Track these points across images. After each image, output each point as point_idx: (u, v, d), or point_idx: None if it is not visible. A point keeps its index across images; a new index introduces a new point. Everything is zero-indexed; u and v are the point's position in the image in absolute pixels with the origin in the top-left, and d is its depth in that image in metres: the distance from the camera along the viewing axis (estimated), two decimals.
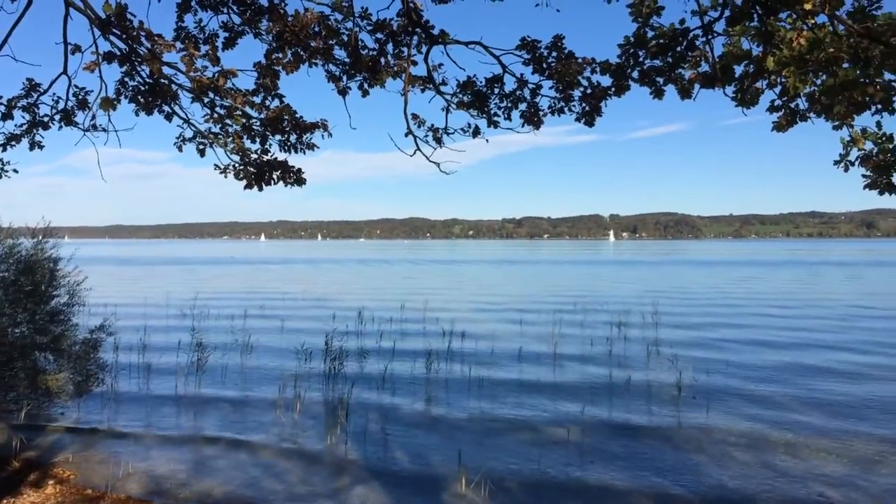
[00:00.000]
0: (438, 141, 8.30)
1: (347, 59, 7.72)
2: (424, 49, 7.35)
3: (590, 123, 8.11)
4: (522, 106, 8.26)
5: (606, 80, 7.61)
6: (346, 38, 7.51)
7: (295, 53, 7.76)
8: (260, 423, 11.75)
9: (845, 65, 6.39)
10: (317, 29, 7.62)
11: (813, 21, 6.28)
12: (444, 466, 9.65)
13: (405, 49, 7.38)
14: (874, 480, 9.07)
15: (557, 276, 58.43)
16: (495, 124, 8.35)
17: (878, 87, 6.45)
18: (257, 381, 14.99)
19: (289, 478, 9.30)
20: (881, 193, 6.82)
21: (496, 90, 8.16)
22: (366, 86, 7.81)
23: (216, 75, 7.39)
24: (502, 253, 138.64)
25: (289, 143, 8.37)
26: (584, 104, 8.04)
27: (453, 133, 8.30)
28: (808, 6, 6.02)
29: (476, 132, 8.34)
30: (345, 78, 7.91)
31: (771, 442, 10.67)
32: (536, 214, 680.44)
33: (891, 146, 6.68)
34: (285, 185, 8.31)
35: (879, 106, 6.59)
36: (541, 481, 9.12)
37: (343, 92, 7.93)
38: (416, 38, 7.37)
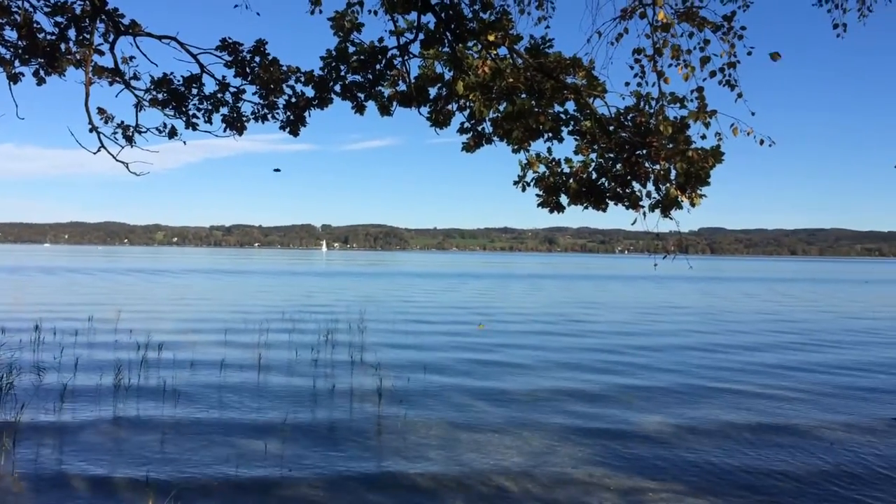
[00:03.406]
0: (129, 139, 7.79)
1: (20, 42, 6.95)
2: (112, 38, 6.88)
3: (294, 133, 8.16)
4: (224, 109, 8.07)
5: (311, 91, 7.75)
6: (18, 17, 6.76)
7: None
8: None
9: (523, 94, 7.20)
10: None
11: (496, 52, 7.00)
12: (132, 485, 9.00)
13: (89, 36, 6.83)
14: (545, 468, 10.23)
15: (267, 286, 57.52)
16: (194, 126, 8.07)
17: (548, 116, 7.36)
18: None
19: None
20: (551, 211, 7.74)
21: (195, 90, 7.88)
22: (42, 73, 7.08)
23: None
24: (208, 262, 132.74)
25: None
26: (288, 113, 8.08)
27: (146, 132, 7.85)
28: (491, 38, 6.71)
29: (173, 133, 7.98)
30: (17, 63, 7.10)
31: (461, 439, 11.53)
32: (247, 222, 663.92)
33: (558, 170, 7.65)
34: None
35: (550, 134, 7.52)
36: (237, 494, 8.91)
37: (14, 78, 7.11)
38: (102, 25, 6.86)
